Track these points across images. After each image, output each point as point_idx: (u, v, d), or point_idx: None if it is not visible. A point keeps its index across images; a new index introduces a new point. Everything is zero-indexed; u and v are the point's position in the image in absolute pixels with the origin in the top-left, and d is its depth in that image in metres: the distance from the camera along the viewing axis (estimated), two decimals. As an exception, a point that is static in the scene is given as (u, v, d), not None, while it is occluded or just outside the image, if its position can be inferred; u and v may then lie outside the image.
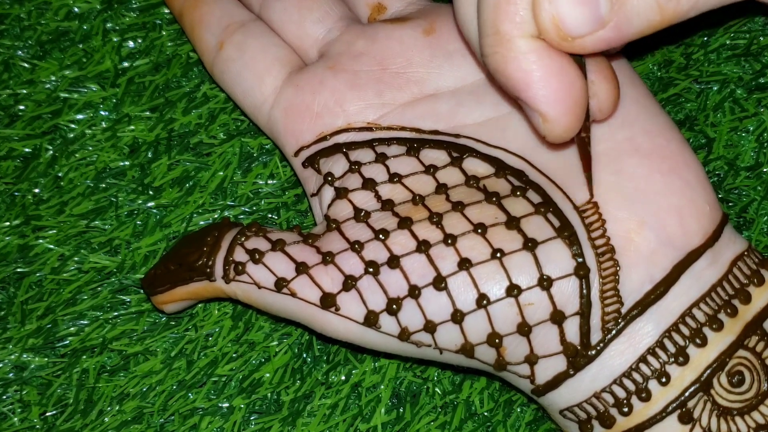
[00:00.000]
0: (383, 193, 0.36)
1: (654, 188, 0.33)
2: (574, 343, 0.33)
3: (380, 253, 0.34)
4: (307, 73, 0.38)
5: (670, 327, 0.33)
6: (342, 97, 0.37)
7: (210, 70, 0.41)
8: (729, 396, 0.32)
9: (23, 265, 0.41)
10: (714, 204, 0.34)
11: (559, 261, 0.33)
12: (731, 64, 0.43)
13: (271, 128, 0.39)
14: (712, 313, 0.33)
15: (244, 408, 0.39)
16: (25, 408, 0.39)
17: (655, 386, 0.32)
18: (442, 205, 0.35)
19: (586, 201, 0.34)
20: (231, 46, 0.39)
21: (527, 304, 0.33)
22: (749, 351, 0.33)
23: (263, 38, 0.39)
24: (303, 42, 0.40)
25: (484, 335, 0.33)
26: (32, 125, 0.43)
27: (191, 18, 0.41)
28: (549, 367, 0.33)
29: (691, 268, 0.33)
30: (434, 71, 0.37)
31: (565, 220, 0.33)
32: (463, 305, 0.33)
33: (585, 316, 0.33)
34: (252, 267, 0.35)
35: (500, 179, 0.35)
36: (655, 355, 0.32)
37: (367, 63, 0.38)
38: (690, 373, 0.32)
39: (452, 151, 0.36)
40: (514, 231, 0.33)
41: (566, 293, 0.33)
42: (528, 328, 0.33)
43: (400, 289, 0.33)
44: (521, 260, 0.33)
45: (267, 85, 0.39)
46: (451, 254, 0.33)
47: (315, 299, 0.34)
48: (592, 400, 0.33)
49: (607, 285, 0.33)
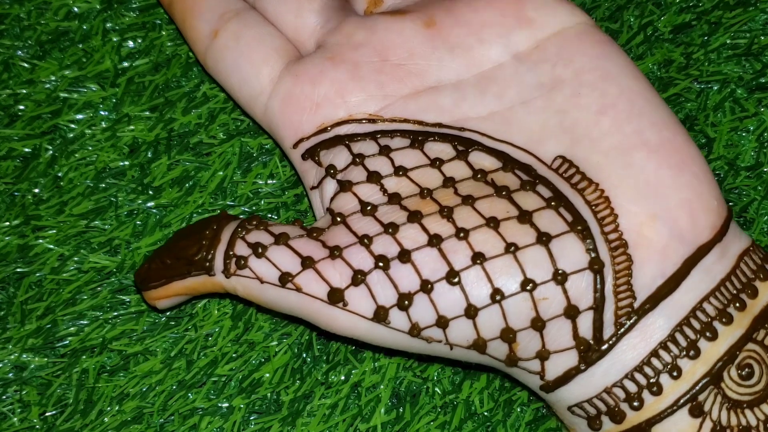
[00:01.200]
0: (389, 186, 0.35)
1: (664, 182, 0.33)
2: (587, 338, 0.33)
3: (390, 247, 0.34)
4: (306, 63, 0.38)
5: (682, 321, 0.33)
6: (343, 87, 0.37)
7: (202, 59, 0.40)
8: (739, 389, 0.32)
9: (23, 265, 0.41)
10: (720, 199, 0.34)
11: (572, 255, 0.33)
12: (731, 63, 0.43)
13: (268, 120, 0.38)
14: (721, 307, 0.33)
15: (244, 408, 0.39)
16: (24, 408, 0.39)
17: (666, 380, 0.32)
18: (451, 198, 0.34)
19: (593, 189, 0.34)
20: (226, 34, 0.39)
21: (542, 299, 0.33)
22: (758, 344, 0.33)
23: (259, 27, 0.39)
24: (299, 33, 0.39)
25: (497, 330, 0.33)
26: (32, 125, 0.43)
27: (182, 6, 0.40)
28: (560, 363, 0.33)
29: (701, 263, 0.33)
30: (435, 63, 0.37)
31: (577, 214, 0.33)
32: (476, 300, 0.33)
33: (599, 310, 0.33)
34: (255, 261, 0.35)
35: (508, 173, 0.35)
36: (667, 349, 0.32)
37: (368, 54, 0.37)
38: (701, 367, 0.32)
39: (457, 144, 0.36)
40: (526, 225, 0.33)
41: (580, 288, 0.33)
42: (542, 323, 0.33)
43: (412, 284, 0.33)
44: (535, 254, 0.33)
45: (264, 75, 0.38)
46: (463, 248, 0.33)
47: (322, 294, 0.34)
48: (603, 396, 0.33)
49: (621, 279, 0.33)
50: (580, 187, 0.34)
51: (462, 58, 0.37)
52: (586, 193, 0.34)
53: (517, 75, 0.36)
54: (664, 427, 0.32)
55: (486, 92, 0.36)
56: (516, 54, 0.37)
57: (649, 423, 0.33)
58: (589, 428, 0.34)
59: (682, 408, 0.32)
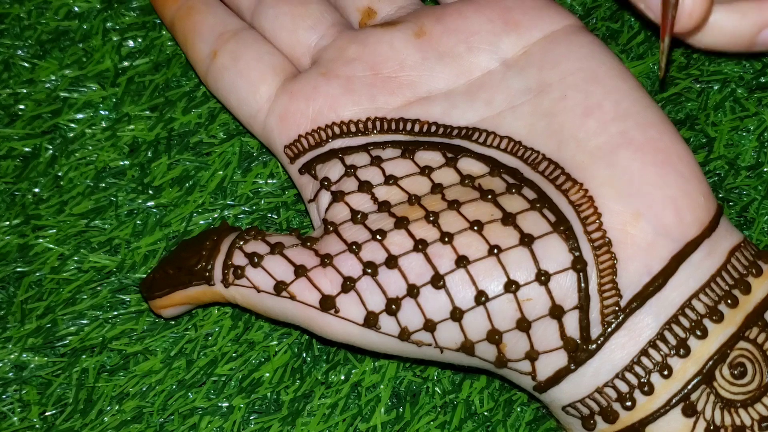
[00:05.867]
0: (379, 194, 0.36)
1: (648, 180, 0.34)
2: (574, 337, 0.33)
3: (378, 253, 0.34)
4: (300, 80, 0.38)
5: (670, 319, 0.33)
6: (336, 102, 0.37)
7: (204, 80, 0.41)
8: (732, 388, 0.32)
9: (23, 265, 0.41)
10: (708, 195, 0.34)
11: (556, 256, 0.33)
12: (732, 63, 0.43)
13: (266, 136, 0.39)
14: (712, 304, 0.33)
15: (244, 408, 0.39)
16: (24, 407, 0.39)
17: (657, 379, 0.32)
18: (438, 204, 0.35)
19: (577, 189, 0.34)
20: (224, 54, 0.39)
21: (526, 300, 0.33)
22: (750, 342, 0.33)
23: (257, 46, 0.40)
24: (295, 49, 0.40)
25: (484, 332, 0.33)
26: (32, 125, 0.43)
27: (183, 27, 0.41)
28: (550, 363, 0.33)
29: (689, 259, 0.33)
30: (426, 74, 0.38)
31: (560, 214, 0.34)
32: (461, 303, 0.33)
33: (584, 309, 0.33)
34: (251, 270, 0.35)
35: (495, 178, 0.35)
36: (656, 348, 0.32)
37: (360, 68, 0.38)
38: (692, 366, 0.32)
39: (447, 151, 0.36)
40: (510, 227, 0.33)
41: (564, 287, 0.33)
42: (527, 324, 0.33)
43: (399, 289, 0.33)
44: (518, 256, 0.33)
45: (262, 94, 0.39)
46: (448, 252, 0.33)
47: (314, 302, 0.34)
48: (595, 396, 0.33)
49: (605, 278, 0.33)
50: (564, 188, 0.34)
51: (452, 67, 0.38)
52: (570, 193, 0.34)
53: (505, 80, 0.37)
54: (658, 427, 0.32)
55: (475, 99, 0.37)
56: (504, 60, 0.37)
57: (643, 423, 0.32)
58: (583, 428, 0.34)
59: (675, 408, 0.32)
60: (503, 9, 0.38)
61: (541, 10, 0.38)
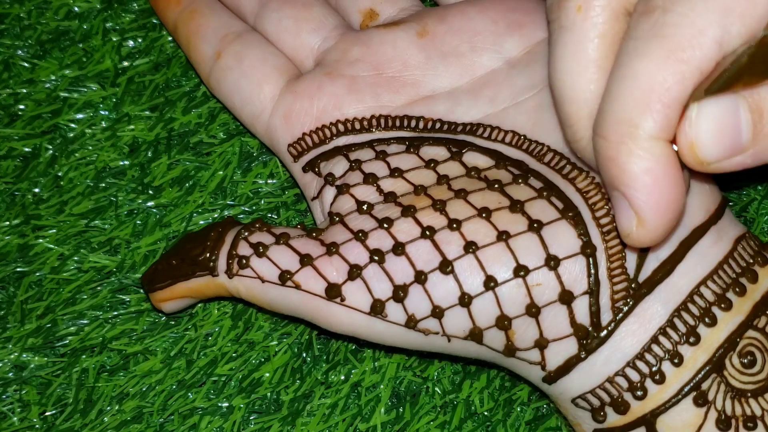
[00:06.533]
0: (385, 186, 0.36)
1: None
2: (585, 324, 0.33)
3: (385, 241, 0.34)
4: (304, 80, 0.39)
5: (680, 306, 0.33)
6: (340, 101, 0.38)
7: (206, 81, 0.41)
8: (742, 377, 0.32)
9: (23, 265, 0.41)
10: (713, 185, 0.35)
11: (564, 241, 0.33)
12: (732, 63, 0.43)
13: (270, 136, 0.39)
14: (720, 291, 0.33)
15: (244, 408, 0.39)
16: (24, 407, 0.39)
17: (668, 367, 0.32)
18: (444, 193, 0.35)
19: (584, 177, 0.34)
20: (228, 55, 0.40)
21: (535, 285, 0.33)
22: (759, 331, 0.33)
23: (261, 48, 0.40)
24: (299, 52, 0.40)
25: (492, 318, 0.33)
26: (32, 125, 0.43)
27: (187, 29, 0.41)
28: (560, 352, 0.33)
29: (697, 246, 0.33)
30: (430, 73, 0.38)
31: (568, 201, 0.34)
32: (470, 288, 0.33)
33: (594, 294, 0.33)
34: (256, 260, 0.35)
35: (501, 170, 0.35)
36: (667, 336, 0.32)
37: (364, 69, 0.38)
38: (702, 354, 0.32)
39: (451, 146, 0.36)
40: (518, 214, 0.33)
41: (574, 273, 0.33)
42: (537, 309, 0.33)
43: (406, 276, 0.33)
44: (527, 241, 0.33)
45: (266, 94, 0.39)
46: (456, 238, 0.33)
47: (320, 291, 0.34)
48: (606, 385, 0.33)
49: (615, 263, 0.33)
50: (570, 177, 0.34)
51: (455, 66, 0.38)
52: (577, 181, 0.34)
53: (509, 78, 0.37)
54: (669, 417, 0.32)
55: (479, 97, 0.37)
56: (508, 60, 0.37)
57: (654, 414, 0.32)
58: (593, 421, 0.33)
59: (687, 397, 0.32)
60: (506, 10, 0.38)
61: (544, 11, 0.38)
